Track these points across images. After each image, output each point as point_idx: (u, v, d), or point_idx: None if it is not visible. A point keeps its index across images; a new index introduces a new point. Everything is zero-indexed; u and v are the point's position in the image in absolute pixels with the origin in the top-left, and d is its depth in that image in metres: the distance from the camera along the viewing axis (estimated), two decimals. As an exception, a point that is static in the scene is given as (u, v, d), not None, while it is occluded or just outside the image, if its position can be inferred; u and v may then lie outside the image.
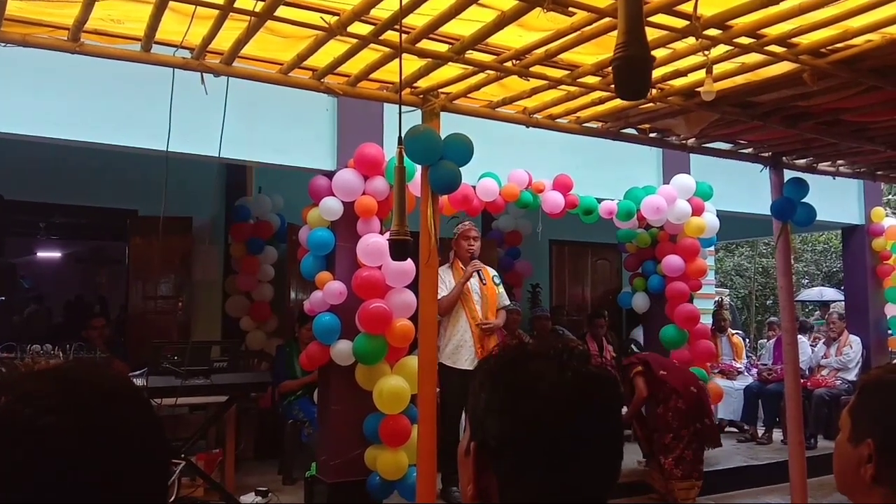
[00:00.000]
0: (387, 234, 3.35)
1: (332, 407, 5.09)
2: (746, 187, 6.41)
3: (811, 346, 9.02)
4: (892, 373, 1.30)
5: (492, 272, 5.63)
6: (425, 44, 3.41)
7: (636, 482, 6.25)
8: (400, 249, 2.84)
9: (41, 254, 11.77)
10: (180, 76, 3.61)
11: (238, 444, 5.76)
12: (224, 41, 3.46)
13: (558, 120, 4.64)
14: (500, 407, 0.98)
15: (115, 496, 0.83)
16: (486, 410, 1.00)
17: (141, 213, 6.95)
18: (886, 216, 8.67)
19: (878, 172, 6.35)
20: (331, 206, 4.92)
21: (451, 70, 3.84)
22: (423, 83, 4.02)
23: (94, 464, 0.81)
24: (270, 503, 5.21)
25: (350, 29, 3.21)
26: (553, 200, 5.75)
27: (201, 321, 7.12)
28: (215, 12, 3.15)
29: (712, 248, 9.38)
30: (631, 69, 1.45)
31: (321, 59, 3.65)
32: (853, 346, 8.13)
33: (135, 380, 4.63)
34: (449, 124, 4.22)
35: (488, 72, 3.78)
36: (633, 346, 7.77)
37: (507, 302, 5.71)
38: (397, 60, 3.66)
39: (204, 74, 3.60)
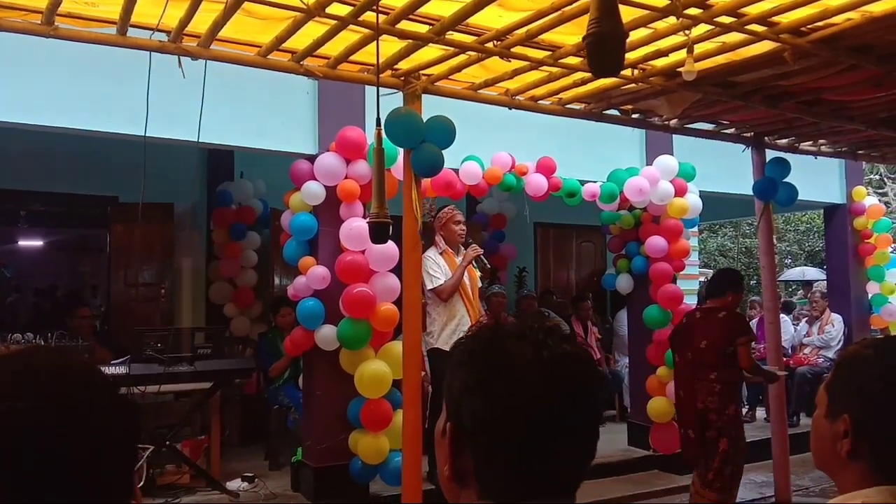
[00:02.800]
0: (351, 220, 3.33)
1: (316, 392, 5.08)
2: (729, 168, 6.43)
3: (794, 324, 9.11)
4: (867, 348, 1.30)
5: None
6: (405, 25, 3.38)
7: (621, 462, 6.31)
8: (380, 232, 2.83)
9: (22, 242, 11.65)
10: (157, 60, 3.56)
11: (223, 430, 5.75)
12: (201, 23, 3.41)
13: (540, 101, 4.62)
14: (477, 387, 0.97)
15: (76, 479, 0.82)
16: (462, 391, 0.99)
17: (122, 199, 6.88)
18: (868, 195, 8.73)
19: (859, 151, 6.40)
20: (313, 191, 4.88)
21: (431, 51, 3.82)
22: (403, 65, 3.99)
23: (53, 448, 0.81)
24: (257, 489, 5.20)
25: (328, 10, 3.17)
26: (536, 183, 5.73)
27: (185, 308, 7.08)
28: (191, -6, 3.11)
29: (695, 229, 9.42)
30: (604, 46, 1.44)
31: (300, 41, 3.61)
32: (835, 324, 8.21)
33: (117, 367, 4.62)
34: (431, 107, 4.19)
35: (469, 53, 3.76)
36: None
37: (479, 284, 5.71)
38: (377, 42, 3.63)
39: (181, 58, 3.56)
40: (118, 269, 6.95)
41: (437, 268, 5.18)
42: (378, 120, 3.05)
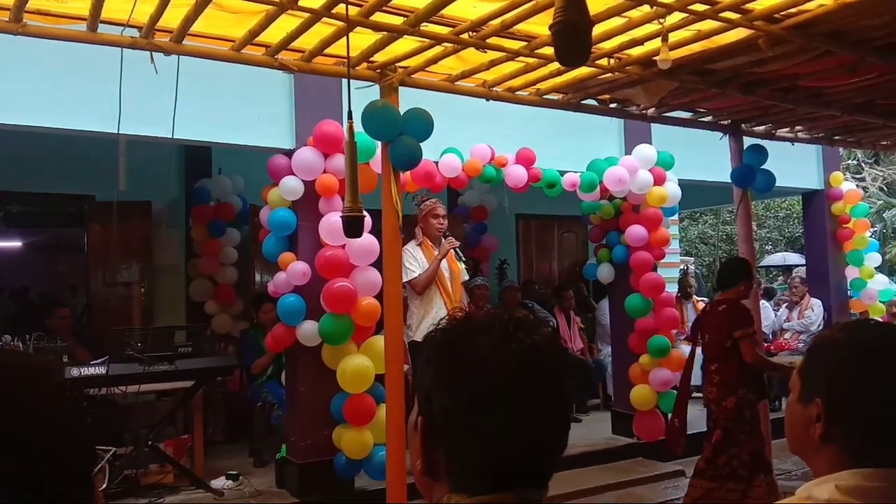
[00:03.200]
0: (330, 215, 3.30)
1: (299, 388, 5.06)
2: (707, 155, 6.45)
3: (774, 310, 9.19)
4: (838, 332, 1.31)
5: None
6: (379, 17, 3.36)
7: (605, 450, 6.34)
8: (354, 226, 2.81)
9: (2, 243, 11.50)
10: (130, 56, 3.52)
11: (207, 428, 5.72)
12: (173, 19, 3.37)
13: (518, 92, 4.61)
14: (446, 381, 0.97)
15: (23, 481, 0.81)
16: (432, 384, 0.98)
17: (98, 198, 6.80)
18: (845, 181, 8.80)
19: (836, 137, 6.44)
20: (291, 186, 4.85)
21: (407, 43, 3.79)
22: (379, 57, 3.97)
23: (6, 449, 0.79)
24: (241, 486, 5.18)
25: (301, 3, 3.14)
26: (516, 174, 5.73)
27: (165, 306, 7.02)
28: (161, -12, 3.07)
29: (676, 217, 9.47)
30: (570, 35, 1.43)
31: (274, 34, 3.58)
32: (815, 309, 8.29)
33: (96, 368, 4.57)
34: (409, 99, 4.17)
35: (445, 44, 3.74)
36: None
37: (467, 277, 5.71)
38: (352, 35, 3.61)
39: (153, 53, 3.52)
40: (96, 269, 6.88)
41: (413, 261, 5.17)
42: (350, 113, 3.03)
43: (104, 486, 3.92)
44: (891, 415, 1.22)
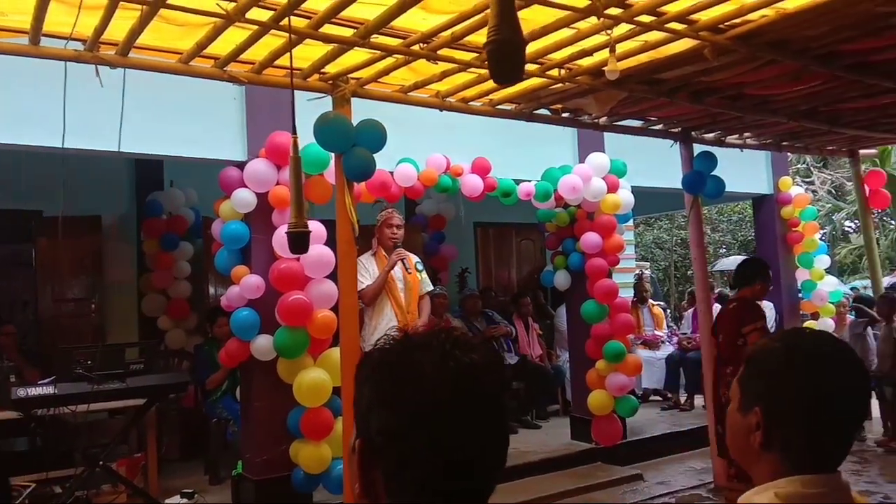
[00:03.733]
0: (284, 227, 3.27)
1: (254, 403, 4.99)
2: (659, 163, 6.56)
3: (728, 313, 9.34)
4: (776, 342, 1.33)
5: (414, 259, 5.61)
6: (329, 28, 3.35)
7: (565, 456, 6.37)
8: (299, 242, 2.78)
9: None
10: (75, 69, 3.45)
11: (161, 446, 5.60)
12: (118, 31, 3.32)
13: (471, 103, 4.64)
14: (383, 401, 0.96)
15: None
16: (369, 406, 0.97)
17: (46, 213, 6.64)
18: (794, 185, 9.01)
19: (783, 143, 6.60)
20: (243, 198, 4.79)
21: (359, 55, 3.79)
22: (331, 69, 3.96)
23: None
24: (197, 504, 5.09)
25: (248, 15, 3.12)
26: (472, 184, 5.75)
27: (117, 323, 6.87)
28: (105, 1, 3.02)
29: (630, 224, 9.60)
30: (503, 54, 1.43)
31: (222, 46, 3.54)
32: (766, 311, 8.43)
33: (43, 388, 4.45)
34: (363, 110, 4.16)
35: (397, 56, 3.75)
36: None
37: (430, 287, 5.70)
38: (302, 46, 3.59)
39: (99, 67, 3.45)
40: (45, 285, 6.71)
41: (364, 272, 5.16)
42: (294, 128, 3.00)
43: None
44: (827, 422, 1.25)
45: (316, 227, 4.80)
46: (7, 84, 4.16)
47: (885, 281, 8.85)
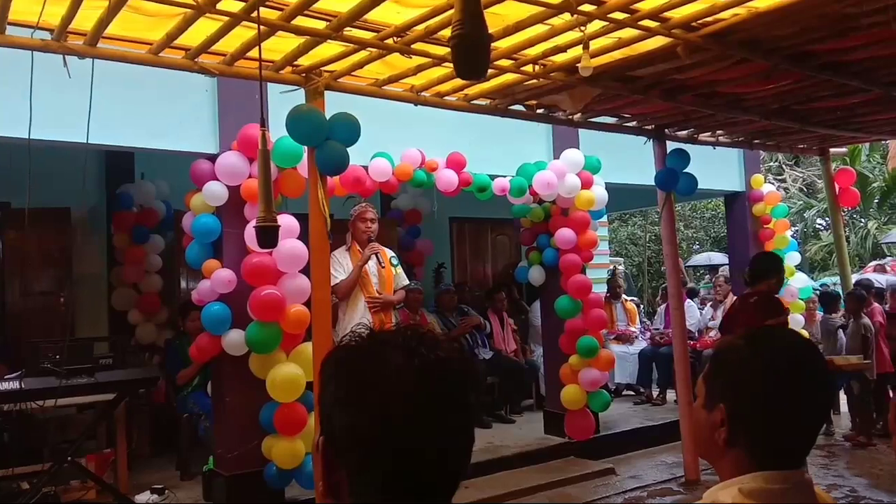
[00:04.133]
0: (253, 222, 3.23)
1: (226, 398, 4.94)
2: (633, 160, 6.59)
3: (699, 308, 9.44)
4: (740, 339, 1.34)
5: (389, 253, 5.59)
6: (301, 21, 3.32)
7: (538, 451, 6.40)
8: (268, 237, 2.76)
9: None
10: (42, 59, 3.39)
11: (131, 441, 5.53)
12: (86, 21, 3.26)
13: (446, 97, 4.63)
14: (346, 399, 0.95)
15: None
16: (332, 404, 0.96)
17: (14, 205, 6.52)
18: (766, 182, 9.10)
19: (755, 141, 6.68)
20: (215, 191, 4.74)
21: (332, 48, 3.77)
22: (304, 61, 3.93)
23: None
24: (167, 500, 5.04)
25: (219, 6, 3.08)
26: (447, 179, 5.74)
27: (86, 316, 6.76)
28: (70, -11, 2.96)
29: (604, 220, 9.64)
30: (468, 49, 1.42)
31: (193, 37, 3.50)
32: (737, 307, 8.53)
33: (9, 383, 4.37)
34: (339, 104, 4.13)
35: (370, 49, 3.72)
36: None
37: (406, 282, 5.69)
38: (275, 38, 3.56)
39: (66, 57, 3.39)
40: (12, 278, 6.58)
41: (339, 266, 5.14)
42: (262, 120, 2.97)
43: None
44: (789, 419, 1.26)
45: (289, 222, 4.77)
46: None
47: (854, 277, 8.96)
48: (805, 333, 6.82)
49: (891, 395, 7.03)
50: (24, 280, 6.56)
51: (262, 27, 3.15)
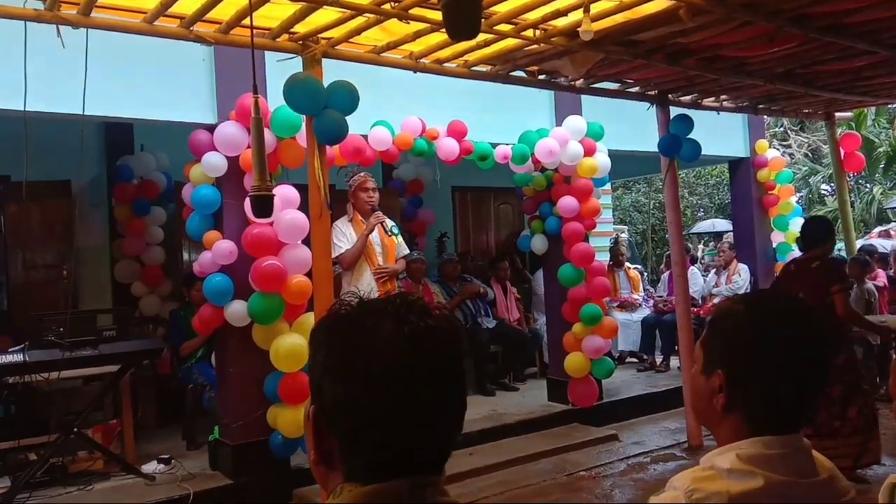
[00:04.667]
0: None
1: (230, 369, 4.96)
2: (637, 126, 6.53)
3: (703, 275, 9.43)
4: (738, 304, 1.32)
5: (390, 223, 5.56)
6: (296, -14, 3.26)
7: (542, 418, 6.43)
8: (262, 206, 2.74)
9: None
10: (35, 29, 3.35)
11: (136, 412, 5.58)
12: (78, -11, 3.21)
13: (446, 64, 4.58)
14: (337, 367, 0.94)
15: None
16: (322, 373, 0.95)
17: (14, 178, 6.50)
18: (771, 148, 9.03)
19: (760, 106, 6.60)
20: (214, 162, 4.71)
21: (329, 14, 3.71)
22: (300, 28, 3.88)
23: None
24: (174, 470, 5.08)
25: (212, -28, 3.03)
26: (448, 147, 5.69)
27: (90, 289, 6.78)
28: (61, -43, 2.91)
29: (608, 187, 9.59)
30: (459, 9, 1.39)
31: (188, 5, 3.46)
32: (742, 274, 8.53)
33: (14, 355, 4.40)
34: (337, 72, 4.08)
35: (367, 15, 3.67)
36: None
37: (406, 251, 5.68)
38: (271, 5, 3.50)
39: (60, 27, 3.35)
40: (15, 252, 6.58)
41: (342, 236, 5.12)
42: (255, 87, 2.93)
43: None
44: (788, 384, 1.25)
45: (289, 192, 4.75)
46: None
47: (859, 243, 8.93)
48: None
49: (893, 359, 7.03)
50: (27, 253, 6.57)
51: (256, -7, 3.10)
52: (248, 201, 4.58)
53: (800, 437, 1.27)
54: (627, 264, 9.33)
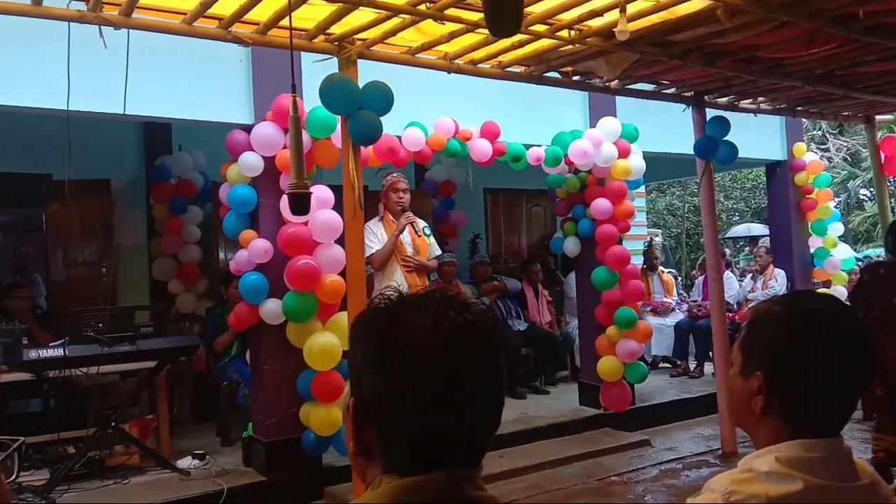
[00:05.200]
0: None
1: (264, 367, 5.01)
2: (672, 127, 6.47)
3: (739, 280, 9.30)
4: (777, 305, 1.31)
5: (421, 223, 5.59)
6: (334, -12, 3.29)
7: (573, 422, 6.40)
8: (300, 203, 2.76)
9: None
10: (79, 29, 3.42)
11: (172, 408, 5.66)
12: (121, -10, 3.28)
13: (480, 65, 4.58)
14: (376, 361, 0.95)
15: None
16: (361, 366, 0.96)
17: (56, 177, 6.63)
18: (809, 151, 8.89)
19: (798, 108, 6.50)
20: (250, 162, 4.77)
21: (365, 15, 3.74)
22: (336, 29, 3.91)
23: None
24: (208, 465, 5.15)
25: (251, -27, 3.07)
26: (481, 148, 5.69)
27: (128, 286, 6.90)
28: (105, -41, 2.98)
29: (642, 190, 9.51)
30: (501, 5, 1.39)
31: (227, 6, 3.50)
32: (778, 279, 8.40)
33: (54, 350, 4.49)
34: (371, 73, 4.11)
35: (403, 16, 3.69)
36: None
37: (438, 252, 5.69)
38: (307, 7, 3.54)
39: (102, 27, 3.42)
40: (56, 249, 6.74)
41: (373, 237, 5.16)
42: (293, 86, 2.97)
43: (14, 476, 3.83)
44: (828, 386, 1.23)
45: (324, 192, 4.79)
46: (10, 44, 4.12)
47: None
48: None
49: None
50: (67, 250, 6.71)
51: (294, -5, 3.13)
52: (284, 200, 4.64)
53: (841, 440, 1.25)
54: (661, 268, 9.24)
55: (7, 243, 10.76)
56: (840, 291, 8.16)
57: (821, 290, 8.19)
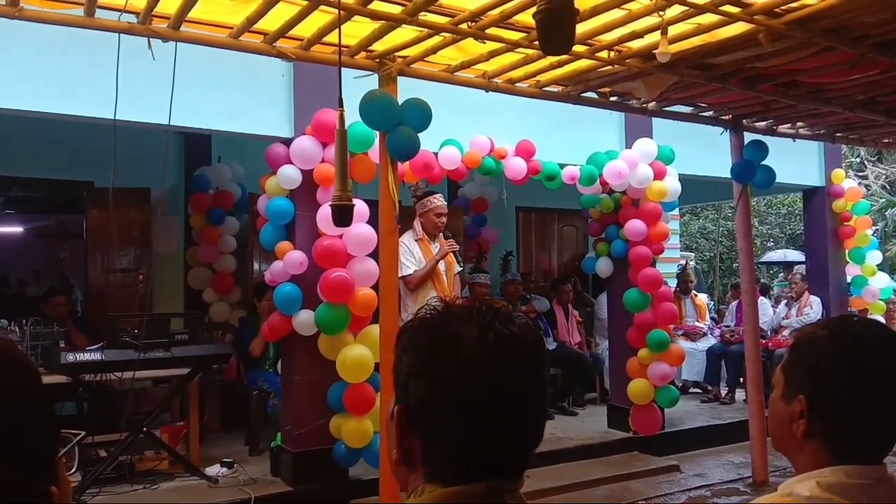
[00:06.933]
0: (328, 204, 3.28)
1: (295, 377, 5.05)
2: (708, 150, 6.43)
3: (773, 307, 9.17)
4: (821, 328, 1.30)
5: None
6: (377, 5, 3.35)
7: (601, 444, 6.34)
8: (343, 215, 2.80)
9: (1, 229, 11.50)
10: (127, 41, 3.51)
11: (202, 415, 5.72)
12: (170, 4, 3.37)
13: (518, 84, 4.61)
14: (423, 370, 0.96)
15: None
16: (408, 374, 0.98)
17: (97, 184, 6.79)
18: (847, 178, 8.77)
19: (837, 134, 6.43)
20: (289, 175, 4.84)
21: (406, 33, 3.79)
22: (378, 46, 3.96)
23: None
24: (236, 474, 5.19)
25: (298, -10, 3.13)
26: (515, 167, 5.71)
27: (163, 294, 7.01)
28: (157, -26, 3.06)
29: (676, 212, 9.44)
30: (553, 23, 1.41)
31: (272, 22, 3.57)
32: (813, 306, 8.27)
33: (91, 354, 4.57)
34: (408, 89, 4.16)
35: (444, 34, 3.73)
36: None
37: (460, 268, 5.75)
38: (350, 24, 3.60)
39: (151, 40, 3.51)
40: (95, 255, 6.87)
41: (409, 256, 5.21)
42: (340, 101, 3.01)
43: (74, 469, 3.90)
44: (873, 412, 1.22)
45: (359, 206, 4.83)
46: (62, 54, 4.24)
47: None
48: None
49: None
50: (106, 257, 6.84)
51: (340, 11, 3.18)
52: (320, 213, 4.70)
53: (884, 468, 1.23)
54: (694, 292, 9.15)
55: (47, 248, 11.01)
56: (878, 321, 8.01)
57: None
